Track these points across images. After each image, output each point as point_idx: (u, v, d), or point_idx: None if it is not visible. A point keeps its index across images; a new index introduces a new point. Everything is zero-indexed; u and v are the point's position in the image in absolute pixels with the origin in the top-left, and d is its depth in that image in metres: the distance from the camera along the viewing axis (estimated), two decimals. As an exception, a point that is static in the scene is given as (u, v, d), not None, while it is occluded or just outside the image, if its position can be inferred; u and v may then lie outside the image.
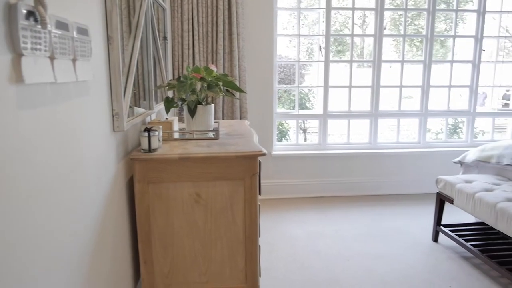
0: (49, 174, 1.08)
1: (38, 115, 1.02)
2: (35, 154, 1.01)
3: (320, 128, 4.06)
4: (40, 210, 1.02)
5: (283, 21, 5.04)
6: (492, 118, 4.35)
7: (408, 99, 4.69)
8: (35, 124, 1.01)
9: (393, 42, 5.41)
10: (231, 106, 3.63)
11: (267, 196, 3.95)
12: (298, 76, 4.04)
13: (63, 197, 1.16)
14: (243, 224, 1.92)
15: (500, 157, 2.85)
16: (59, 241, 1.13)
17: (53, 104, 1.11)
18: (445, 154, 4.09)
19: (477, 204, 2.55)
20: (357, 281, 2.45)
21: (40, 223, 1.02)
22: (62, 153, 1.16)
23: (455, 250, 2.84)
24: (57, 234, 1.12)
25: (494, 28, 4.18)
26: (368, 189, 4.07)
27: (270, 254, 2.80)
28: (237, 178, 1.86)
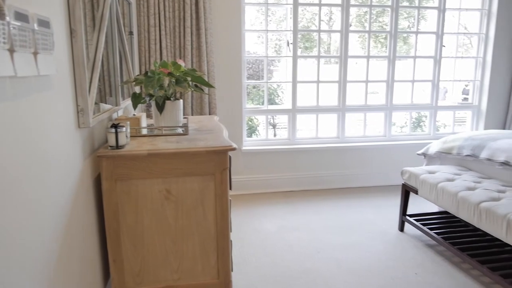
0: (10, 172, 1.03)
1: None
2: (-5, 151, 0.96)
3: (289, 123, 4.10)
4: (0, 209, 0.98)
5: (251, 17, 5.04)
6: (452, 111, 4.53)
7: (374, 94, 4.81)
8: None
9: (359, 38, 5.52)
10: (200, 102, 3.60)
11: (238, 192, 3.96)
12: (267, 72, 4.05)
13: (25, 196, 1.12)
14: (215, 219, 1.91)
15: (460, 148, 2.98)
16: (22, 241, 1.09)
17: (14, 99, 1.07)
18: (410, 147, 4.23)
19: (439, 193, 2.66)
20: (328, 271, 2.50)
21: (0, 222, 0.98)
22: (24, 151, 1.12)
23: (420, 239, 2.95)
24: (20, 234, 1.08)
25: (454, 25, 4.35)
26: (337, 182, 4.15)
27: (242, 249, 2.81)
28: (207, 174, 1.85)
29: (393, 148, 4.23)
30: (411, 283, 2.37)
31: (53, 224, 1.31)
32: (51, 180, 1.31)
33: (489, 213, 2.24)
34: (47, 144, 1.28)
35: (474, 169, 3.00)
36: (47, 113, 1.29)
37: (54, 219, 1.32)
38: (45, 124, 1.27)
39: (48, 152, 1.29)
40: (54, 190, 1.33)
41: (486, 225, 2.27)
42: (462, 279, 2.41)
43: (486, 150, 2.76)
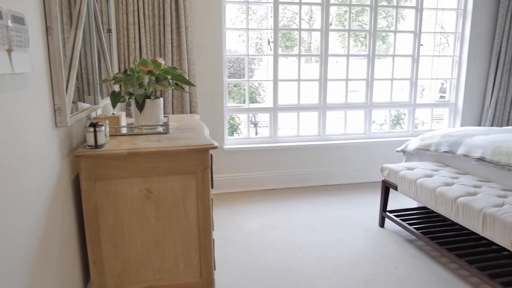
0: (-16, 172, 1.00)
1: (-31, 109, 0.95)
2: (-33, 151, 0.93)
3: (271, 121, 4.11)
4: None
5: (232, 16, 5.03)
6: (430, 109, 4.63)
7: (354, 92, 4.86)
8: (-33, 118, 0.94)
9: (339, 37, 5.57)
10: (181, 101, 3.57)
11: (220, 191, 3.95)
12: (248, 71, 4.05)
13: (0, 197, 1.09)
14: (196, 218, 1.90)
15: (438, 145, 3.04)
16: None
17: (-13, 97, 1.03)
18: (389, 144, 4.30)
19: (418, 189, 2.71)
20: (310, 268, 2.52)
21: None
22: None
23: (400, 234, 3.00)
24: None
25: (431, 24, 4.43)
26: (318, 180, 4.19)
27: (224, 247, 2.80)
28: (188, 172, 1.84)
29: (373, 146, 4.29)
30: (392, 277, 2.41)
31: (30, 226, 1.28)
32: (27, 180, 1.27)
33: (466, 207, 2.29)
34: (23, 144, 1.25)
35: (451, 165, 3.07)
36: (22, 112, 1.25)
37: (30, 220, 1.29)
38: (20, 123, 1.24)
39: (24, 151, 1.26)
40: (30, 190, 1.30)
41: (463, 220, 2.32)
42: (441, 272, 2.47)
43: (463, 147, 2.83)
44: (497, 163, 2.53)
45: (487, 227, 2.15)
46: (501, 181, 2.65)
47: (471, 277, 2.41)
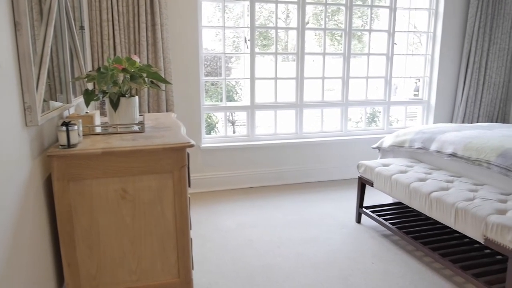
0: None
1: None
2: None
3: (248, 119, 4.11)
4: None
5: (209, 14, 5.00)
6: (404, 106, 4.72)
7: (330, 90, 4.91)
8: None
9: (315, 36, 5.61)
10: (156, 99, 3.53)
11: (197, 190, 3.92)
12: (225, 69, 4.03)
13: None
14: (174, 217, 1.88)
15: (412, 142, 3.11)
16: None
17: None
18: (365, 141, 4.36)
19: (393, 185, 2.76)
20: (289, 265, 2.53)
21: None
22: (-36, 150, 1.04)
23: (376, 229, 3.05)
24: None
25: (405, 24, 4.53)
26: (296, 178, 4.21)
27: (202, 246, 2.79)
28: (165, 171, 1.82)
29: (350, 143, 4.35)
30: (368, 272, 2.45)
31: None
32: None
33: (439, 202, 2.35)
34: (-10, 144, 1.20)
35: (425, 161, 3.14)
36: (-11, 111, 1.21)
37: (0, 223, 1.24)
38: (-13, 122, 1.19)
39: (-8, 152, 1.21)
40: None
41: (437, 214, 2.38)
42: (416, 266, 2.52)
43: (435, 143, 2.90)
44: (468, 159, 2.61)
45: (459, 220, 2.21)
46: (472, 176, 2.73)
47: (445, 269, 2.48)
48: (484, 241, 2.06)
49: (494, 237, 2.00)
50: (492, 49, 4.46)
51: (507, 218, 2.01)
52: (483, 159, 2.51)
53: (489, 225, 2.02)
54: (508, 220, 1.97)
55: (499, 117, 4.70)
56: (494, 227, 1.99)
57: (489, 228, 2.02)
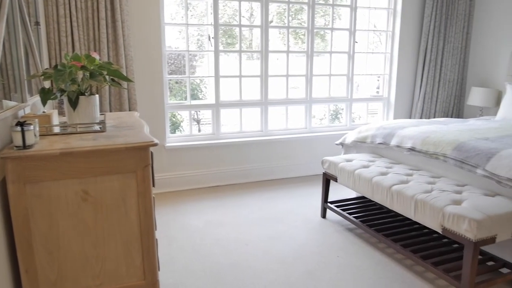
0: None
1: None
2: None
3: (213, 118, 4.08)
4: None
5: (172, 12, 4.93)
6: (366, 103, 4.85)
7: (295, 89, 4.97)
8: None
9: (280, 35, 5.65)
10: (119, 98, 3.44)
11: (163, 190, 3.86)
12: (189, 67, 3.99)
13: None
14: (138, 218, 1.84)
15: (373, 137, 3.20)
16: None
17: None
18: (329, 138, 4.45)
19: (356, 180, 2.83)
20: (256, 262, 2.54)
21: None
22: None
23: (341, 223, 3.12)
24: None
25: (365, 23, 4.64)
26: (262, 175, 4.23)
27: (169, 247, 2.75)
28: (128, 171, 1.77)
29: (314, 140, 4.42)
30: (334, 265, 2.50)
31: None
32: None
33: (399, 195, 2.44)
34: None
35: (386, 156, 3.24)
36: None
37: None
38: None
39: None
40: None
41: (397, 206, 2.47)
42: (379, 257, 2.60)
43: (395, 138, 3.00)
44: (426, 152, 2.71)
45: (419, 212, 2.30)
46: (430, 169, 2.85)
47: (406, 259, 2.57)
48: (441, 231, 2.16)
49: (450, 227, 2.09)
50: (446, 47, 4.66)
51: (462, 208, 2.11)
52: (439, 152, 2.62)
53: (446, 216, 2.11)
54: (463, 210, 2.07)
55: (454, 113, 4.93)
56: (451, 217, 2.08)
57: (446, 218, 2.11)
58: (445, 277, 2.16)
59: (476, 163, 2.38)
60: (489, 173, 2.29)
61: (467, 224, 1.99)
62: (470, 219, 1.98)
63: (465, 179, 2.58)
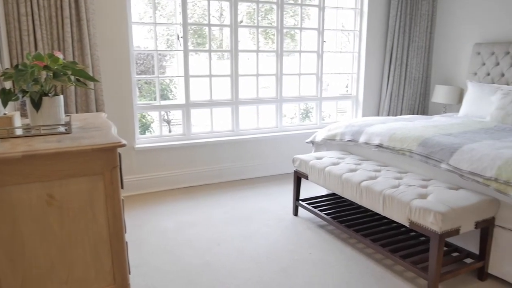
0: None
1: None
2: None
3: (184, 118, 4.04)
4: None
5: (140, 11, 4.85)
6: (335, 102, 4.93)
7: (266, 88, 4.99)
8: None
9: (250, 35, 5.66)
10: (85, 99, 3.35)
11: (134, 192, 3.79)
12: (158, 67, 3.93)
13: None
14: (106, 221, 1.80)
15: (342, 135, 3.26)
16: None
17: None
18: (300, 136, 4.50)
19: (327, 177, 2.87)
20: (229, 262, 2.54)
21: None
22: None
23: (313, 221, 3.16)
24: None
25: (333, 23, 4.72)
26: (235, 174, 4.23)
27: (140, 250, 2.70)
28: (95, 173, 1.73)
29: (285, 138, 4.45)
30: (306, 262, 2.53)
31: None
32: None
33: (368, 190, 2.49)
34: None
35: (355, 153, 3.31)
36: None
37: None
38: None
39: None
40: None
41: (367, 202, 2.52)
42: (350, 252, 2.65)
43: (364, 135, 3.06)
44: (393, 149, 2.79)
45: (387, 206, 2.36)
46: (397, 165, 2.93)
47: (376, 254, 2.63)
48: (409, 225, 2.22)
49: (417, 220, 2.16)
50: (411, 47, 4.80)
51: (427, 201, 2.18)
52: (406, 148, 2.69)
53: (413, 209, 2.17)
54: (429, 204, 2.14)
55: (420, 110, 5.08)
56: (417, 211, 2.15)
57: (413, 212, 2.17)
58: (413, 269, 2.23)
59: (440, 158, 2.47)
60: (453, 167, 2.38)
61: (432, 217, 2.06)
62: (435, 212, 2.05)
63: (430, 173, 2.66)
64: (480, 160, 2.28)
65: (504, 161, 2.20)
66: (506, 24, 4.14)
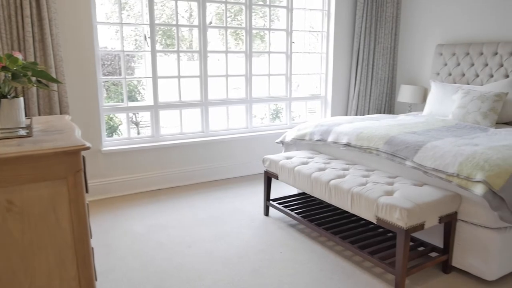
0: None
1: None
2: None
3: (152, 119, 3.98)
4: None
5: (107, 11, 4.74)
6: (305, 102, 4.99)
7: (237, 89, 4.99)
8: None
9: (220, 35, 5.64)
10: (48, 101, 3.23)
11: (102, 196, 3.69)
12: (125, 68, 3.85)
13: None
14: (71, 227, 1.74)
15: (311, 134, 3.29)
16: None
17: None
18: (270, 136, 4.52)
19: (296, 176, 2.90)
20: (200, 264, 2.51)
21: None
22: None
23: (283, 220, 3.18)
24: None
25: (302, 24, 4.77)
26: (205, 176, 4.20)
27: (108, 255, 2.63)
28: (58, 178, 1.67)
29: (255, 139, 4.46)
30: (277, 261, 2.54)
31: None
32: None
33: (337, 189, 2.53)
34: None
35: (324, 152, 3.35)
36: None
37: None
38: None
39: None
40: None
41: (335, 200, 2.56)
42: (320, 250, 2.68)
43: (332, 134, 3.11)
44: (360, 147, 2.84)
45: (355, 204, 2.40)
46: (364, 163, 2.99)
47: (345, 251, 2.68)
48: (376, 221, 2.27)
49: (384, 217, 2.21)
50: (377, 48, 4.92)
51: (394, 198, 2.24)
52: (372, 147, 2.76)
53: (380, 206, 2.23)
54: (395, 200, 2.20)
55: (386, 109, 5.22)
56: (384, 208, 2.20)
57: (380, 209, 2.23)
58: (381, 265, 2.28)
59: (405, 155, 2.54)
60: (417, 164, 2.45)
61: (398, 213, 2.11)
62: (401, 208, 2.11)
63: (396, 171, 2.74)
64: (442, 157, 2.36)
65: (465, 158, 2.28)
66: (465, 27, 4.31)
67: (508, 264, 2.29)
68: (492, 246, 2.20)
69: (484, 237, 2.23)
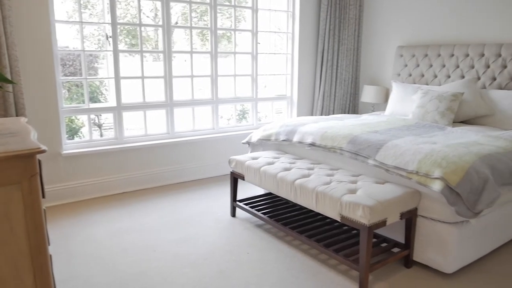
0: None
1: None
2: None
3: (115, 121, 3.88)
4: None
5: (68, 9, 4.59)
6: (271, 102, 5.01)
7: (202, 90, 4.95)
8: None
9: (186, 36, 5.56)
10: (3, 103, 3.08)
11: (63, 201, 3.56)
12: (87, 68, 3.73)
13: None
14: (26, 234, 1.67)
15: (277, 135, 3.31)
16: None
17: None
18: (237, 137, 4.51)
19: (262, 177, 2.91)
20: (166, 268, 2.47)
21: None
22: None
23: (250, 221, 3.18)
24: None
25: (268, 25, 4.79)
26: (171, 178, 4.14)
27: (68, 262, 2.54)
28: (11, 183, 1.59)
29: (222, 140, 4.44)
30: (244, 262, 2.53)
31: None
32: None
33: (302, 188, 2.55)
34: None
35: (290, 152, 3.38)
36: None
37: None
38: None
39: None
40: None
41: (301, 199, 2.58)
42: (287, 250, 2.70)
43: (297, 134, 3.14)
44: (324, 147, 2.89)
45: (319, 203, 2.43)
46: (328, 162, 3.04)
47: (311, 249, 2.71)
48: (340, 219, 2.31)
49: (347, 214, 2.25)
50: (341, 49, 5.02)
51: (357, 196, 2.28)
52: (336, 146, 2.80)
53: (343, 204, 2.26)
54: (358, 198, 2.24)
55: (350, 109, 5.33)
56: (347, 206, 2.24)
57: (343, 207, 2.26)
58: (345, 262, 2.32)
59: (367, 154, 2.60)
60: (379, 163, 2.51)
61: (361, 210, 2.16)
62: (363, 206, 2.15)
63: (360, 169, 2.79)
64: (403, 155, 2.44)
65: (423, 156, 2.36)
66: (424, 29, 4.47)
67: (465, 256, 2.39)
68: (450, 240, 2.29)
69: (442, 232, 2.31)
